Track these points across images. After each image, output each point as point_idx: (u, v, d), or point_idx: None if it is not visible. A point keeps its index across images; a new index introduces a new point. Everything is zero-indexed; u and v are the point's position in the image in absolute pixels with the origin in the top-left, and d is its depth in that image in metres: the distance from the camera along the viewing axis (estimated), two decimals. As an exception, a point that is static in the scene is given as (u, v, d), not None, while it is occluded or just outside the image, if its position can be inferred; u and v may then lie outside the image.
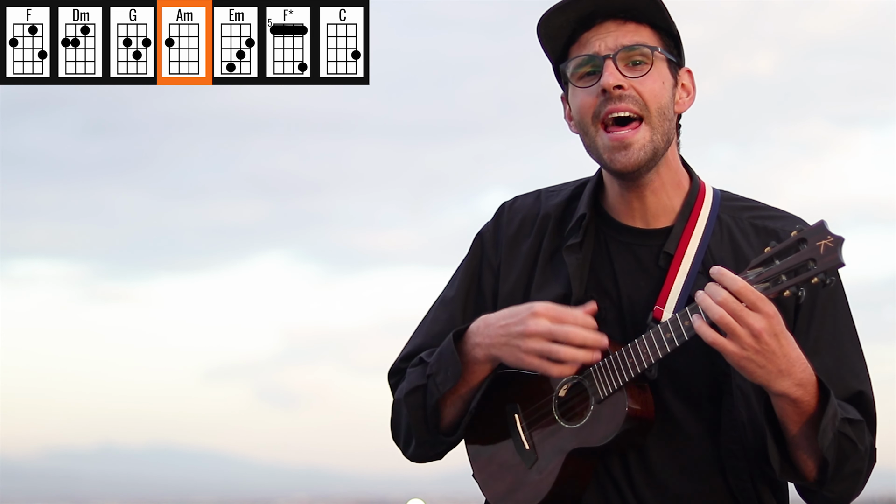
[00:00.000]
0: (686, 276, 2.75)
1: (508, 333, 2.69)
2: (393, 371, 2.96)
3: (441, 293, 2.99)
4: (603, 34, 2.77)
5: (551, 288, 2.83)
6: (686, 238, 2.79)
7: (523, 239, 2.91)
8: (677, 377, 2.74)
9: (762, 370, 2.58)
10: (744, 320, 2.55)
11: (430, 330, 2.93)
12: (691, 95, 2.84)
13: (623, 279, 2.80)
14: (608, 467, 2.76)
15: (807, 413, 2.64)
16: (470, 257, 2.96)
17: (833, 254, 2.56)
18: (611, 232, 2.84)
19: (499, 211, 2.97)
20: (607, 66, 2.73)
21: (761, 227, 2.83)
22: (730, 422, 2.74)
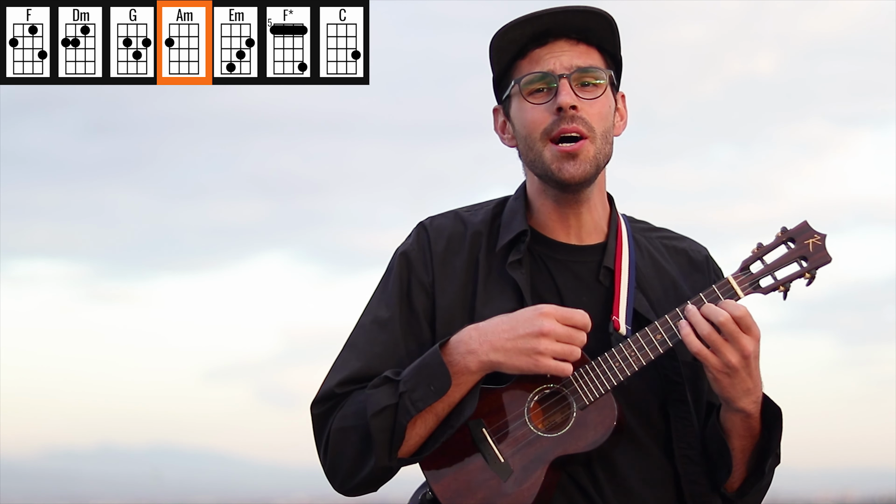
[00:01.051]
0: (627, 289, 2.82)
1: (516, 336, 2.68)
2: (325, 396, 2.82)
3: (367, 313, 2.89)
4: (557, 53, 2.80)
5: (499, 302, 2.82)
6: (619, 254, 2.86)
7: (454, 256, 2.89)
8: (631, 390, 2.78)
9: (732, 387, 2.69)
10: (738, 341, 2.65)
11: (370, 352, 2.83)
12: (624, 120, 2.90)
13: (566, 294, 2.83)
14: (574, 478, 2.77)
15: (754, 429, 2.76)
16: (396, 276, 2.89)
17: (822, 250, 2.71)
18: (545, 249, 2.87)
19: (419, 229, 2.94)
20: (563, 86, 2.77)
21: (671, 248, 2.96)
22: (683, 429, 2.80)
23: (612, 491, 2.77)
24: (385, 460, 2.74)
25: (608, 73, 2.82)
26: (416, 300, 2.87)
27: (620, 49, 2.85)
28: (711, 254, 3.00)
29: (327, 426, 2.81)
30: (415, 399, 2.71)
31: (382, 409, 2.72)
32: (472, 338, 2.72)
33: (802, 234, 2.72)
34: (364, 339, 2.86)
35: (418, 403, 2.71)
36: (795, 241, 2.72)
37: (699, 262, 2.95)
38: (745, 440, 2.77)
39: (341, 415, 2.79)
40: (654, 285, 2.87)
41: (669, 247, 2.95)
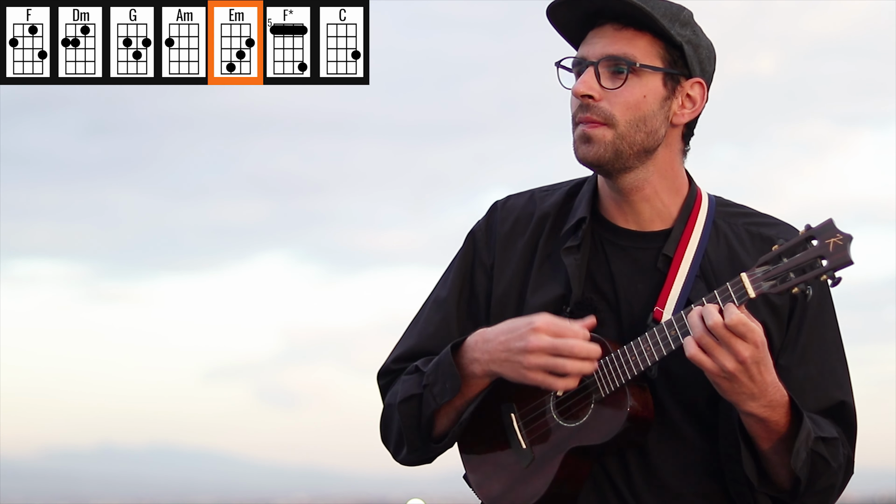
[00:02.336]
0: (685, 279, 2.77)
1: (509, 349, 2.68)
2: (383, 372, 2.93)
3: (433, 292, 2.96)
4: (598, 38, 2.78)
5: (548, 289, 2.82)
6: (684, 241, 2.80)
7: (518, 238, 2.89)
8: (675, 380, 2.74)
9: (734, 391, 2.62)
10: (732, 347, 2.58)
11: (424, 331, 2.91)
12: (697, 107, 2.82)
13: (620, 281, 2.80)
14: (605, 467, 2.76)
15: (777, 432, 2.68)
16: (462, 256, 2.93)
17: (843, 251, 2.58)
18: (607, 235, 2.84)
19: (491, 209, 2.95)
20: (586, 73, 2.76)
21: (756, 234, 2.85)
22: (728, 426, 2.74)
23: (643, 482, 2.75)
24: (417, 444, 2.82)
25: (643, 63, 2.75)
26: (478, 281, 2.89)
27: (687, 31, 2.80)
28: None
29: (385, 400, 2.90)
30: (435, 393, 2.76)
31: (410, 398, 2.80)
32: (477, 345, 2.74)
33: (825, 233, 2.59)
34: (423, 318, 2.93)
35: (437, 398, 2.76)
36: (817, 239, 2.60)
37: None
38: (769, 443, 2.69)
39: (391, 392, 2.87)
40: (722, 274, 2.77)
41: (755, 234, 2.84)
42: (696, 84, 2.82)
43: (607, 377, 2.70)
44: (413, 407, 2.80)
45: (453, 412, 2.79)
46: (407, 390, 2.81)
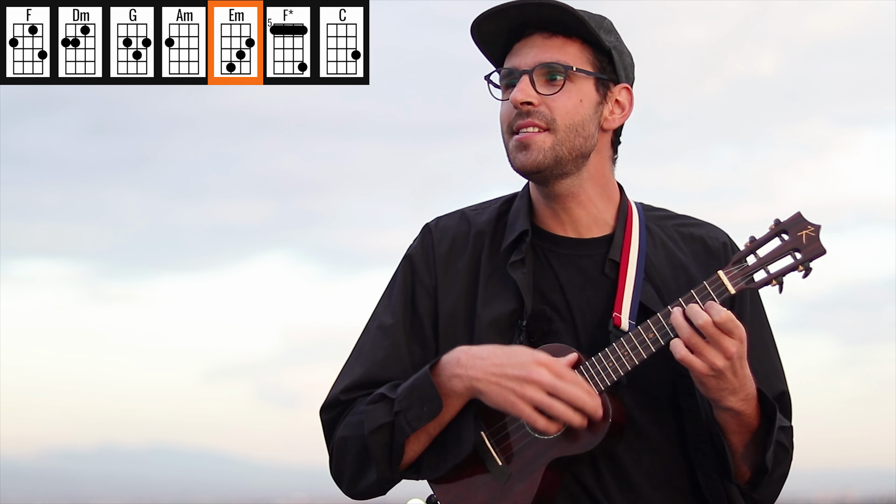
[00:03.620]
0: (633, 283, 2.79)
1: (504, 374, 2.66)
2: (330, 404, 2.85)
3: (373, 319, 2.91)
4: (528, 48, 2.81)
5: (499, 304, 2.81)
6: (626, 246, 2.83)
7: (457, 257, 2.88)
8: (637, 385, 2.76)
9: (719, 388, 2.65)
10: (720, 344, 2.62)
11: (372, 358, 2.85)
12: (626, 112, 2.87)
13: (570, 290, 2.81)
14: (578, 477, 2.76)
15: (749, 425, 2.73)
16: (401, 280, 2.90)
17: (815, 242, 2.65)
18: (548, 245, 2.85)
19: (424, 231, 2.94)
20: (521, 82, 2.78)
21: (687, 235, 2.90)
22: (695, 421, 2.78)
23: (616, 489, 2.76)
24: (387, 474, 2.77)
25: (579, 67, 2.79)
26: (420, 304, 2.86)
27: (612, 37, 2.83)
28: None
29: (333, 434, 2.83)
30: (409, 419, 2.71)
31: (379, 427, 2.73)
32: (460, 361, 2.70)
33: (796, 226, 2.66)
34: (368, 346, 2.87)
35: (413, 422, 2.71)
36: (789, 232, 2.66)
37: (716, 248, 2.89)
38: (743, 435, 2.74)
39: (345, 423, 2.81)
40: (665, 276, 2.83)
41: (685, 234, 2.90)
42: (623, 90, 2.87)
43: None
44: (384, 436, 2.73)
45: (424, 437, 2.75)
46: (375, 420, 2.74)
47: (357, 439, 2.77)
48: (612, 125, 2.86)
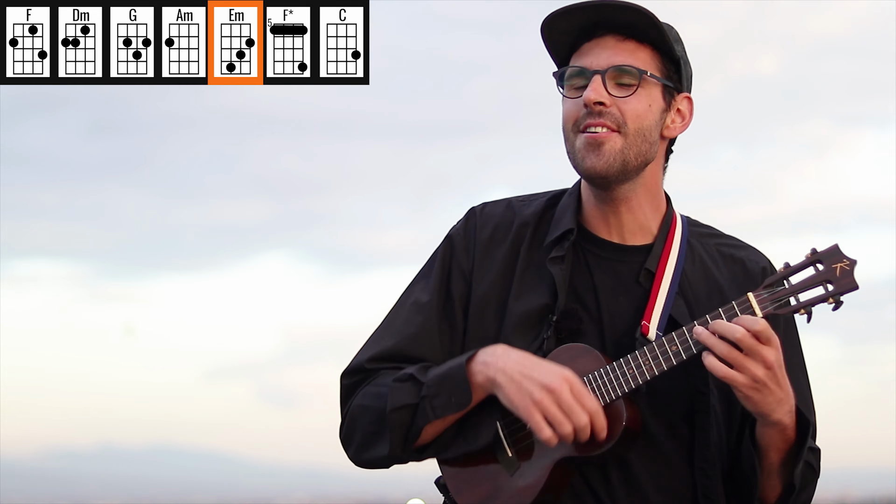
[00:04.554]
0: (666, 295, 2.78)
1: (528, 376, 2.66)
2: (354, 369, 2.86)
3: (408, 294, 2.91)
4: (600, 49, 2.79)
5: (532, 297, 2.81)
6: (665, 258, 2.82)
7: (498, 245, 2.88)
8: (655, 395, 2.75)
9: (764, 400, 2.64)
10: (759, 355, 2.60)
11: (404, 331, 2.85)
12: (686, 122, 2.86)
13: (603, 293, 2.81)
14: (587, 479, 2.76)
15: (790, 440, 2.72)
16: (440, 260, 2.90)
17: (849, 276, 2.63)
18: (589, 246, 2.85)
19: (468, 215, 2.94)
20: (594, 82, 2.75)
21: (728, 255, 2.90)
22: (703, 440, 2.77)
23: (625, 494, 2.75)
24: (398, 452, 2.76)
25: (652, 73, 2.78)
26: (455, 286, 2.87)
27: (679, 47, 2.83)
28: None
29: (351, 399, 2.83)
30: (435, 406, 2.72)
31: (402, 407, 2.74)
32: (495, 353, 2.71)
33: (831, 258, 2.63)
34: (401, 319, 2.87)
35: (437, 410, 2.72)
36: (824, 263, 2.64)
37: (755, 272, 2.87)
38: (780, 454, 2.73)
39: (364, 392, 2.81)
40: (699, 292, 2.82)
41: (726, 255, 2.89)
42: (685, 99, 2.86)
43: (602, 389, 2.69)
44: (405, 416, 2.74)
45: (440, 423, 2.75)
46: (400, 399, 2.75)
47: (375, 411, 2.77)
48: (673, 133, 2.85)
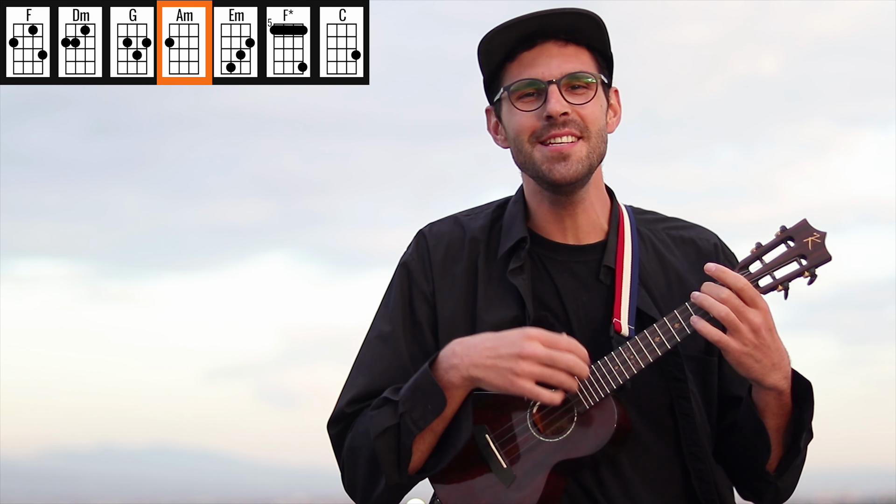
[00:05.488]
0: (629, 288, 2.80)
1: (498, 355, 2.65)
2: (336, 418, 2.85)
3: (373, 329, 2.91)
4: (545, 57, 2.78)
5: (500, 310, 2.82)
6: (620, 252, 2.84)
7: (453, 263, 2.88)
8: (633, 390, 2.75)
9: (758, 364, 2.65)
10: (744, 316, 2.62)
11: (374, 368, 2.85)
12: (618, 115, 2.89)
13: (566, 297, 2.82)
14: (581, 483, 2.76)
15: (787, 405, 2.73)
16: (398, 288, 2.90)
17: (821, 248, 2.66)
18: (544, 251, 2.86)
19: (418, 238, 2.94)
20: (553, 93, 2.75)
21: (678, 238, 2.91)
22: (688, 426, 2.78)
23: (618, 493, 2.76)
24: (395, 478, 2.75)
25: (599, 74, 2.80)
26: (419, 310, 2.87)
27: (610, 46, 2.84)
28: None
29: (342, 447, 2.84)
30: (415, 419, 2.71)
31: (385, 431, 2.72)
32: (455, 353, 2.70)
33: (802, 233, 2.67)
34: (369, 357, 2.87)
35: (419, 422, 2.71)
36: (795, 239, 2.68)
37: (707, 250, 2.90)
38: (780, 418, 2.74)
39: (352, 435, 2.81)
40: (659, 280, 2.84)
41: (676, 237, 2.91)
42: (615, 93, 2.88)
43: (589, 389, 2.69)
44: (391, 439, 2.73)
45: (430, 436, 2.74)
46: (381, 423, 2.73)
47: (365, 448, 2.77)
48: (613, 129, 2.87)
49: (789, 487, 2.84)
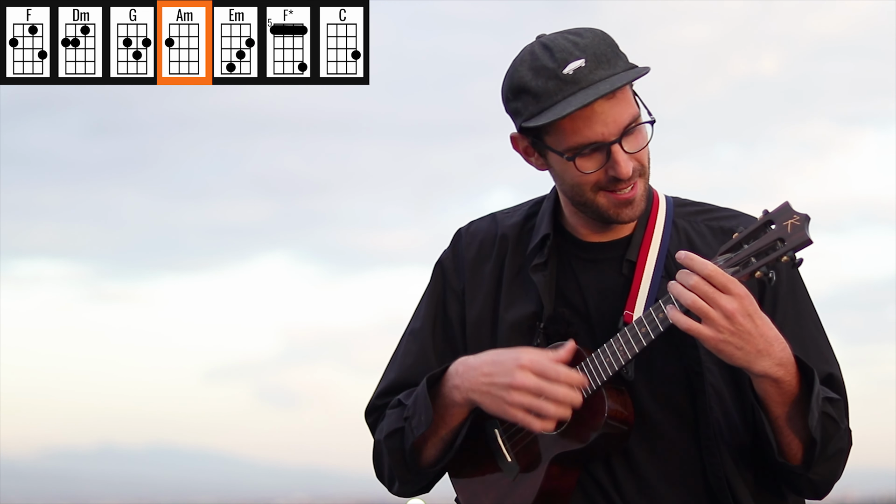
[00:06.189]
0: (650, 281, 2.78)
1: (492, 383, 2.68)
2: (370, 409, 2.97)
3: (408, 326, 2.98)
4: (599, 114, 2.69)
5: (520, 306, 2.84)
6: (646, 245, 2.81)
7: (484, 262, 2.92)
8: (652, 379, 2.76)
9: (740, 352, 2.60)
10: (716, 303, 2.57)
11: (403, 363, 2.94)
12: None
13: (588, 292, 2.82)
14: (593, 475, 2.77)
15: (790, 394, 2.67)
16: (433, 286, 2.96)
17: (800, 231, 2.59)
18: (572, 249, 2.86)
19: (455, 237, 2.98)
20: (618, 154, 2.70)
21: (717, 228, 2.86)
22: (706, 420, 2.76)
23: (632, 487, 2.76)
24: (406, 476, 2.86)
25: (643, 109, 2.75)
26: (451, 308, 2.92)
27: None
28: None
29: (374, 437, 2.93)
30: (414, 426, 2.79)
31: (393, 432, 2.84)
32: (458, 373, 2.75)
33: (783, 216, 2.61)
34: (401, 351, 2.96)
35: (416, 430, 2.78)
36: (776, 222, 2.62)
37: None
38: (783, 406, 2.68)
39: (379, 428, 2.91)
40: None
41: (715, 228, 2.86)
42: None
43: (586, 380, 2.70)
44: (397, 440, 2.83)
45: (439, 442, 2.80)
46: (391, 424, 2.85)
47: (382, 444, 2.88)
48: None
49: (826, 480, 2.76)
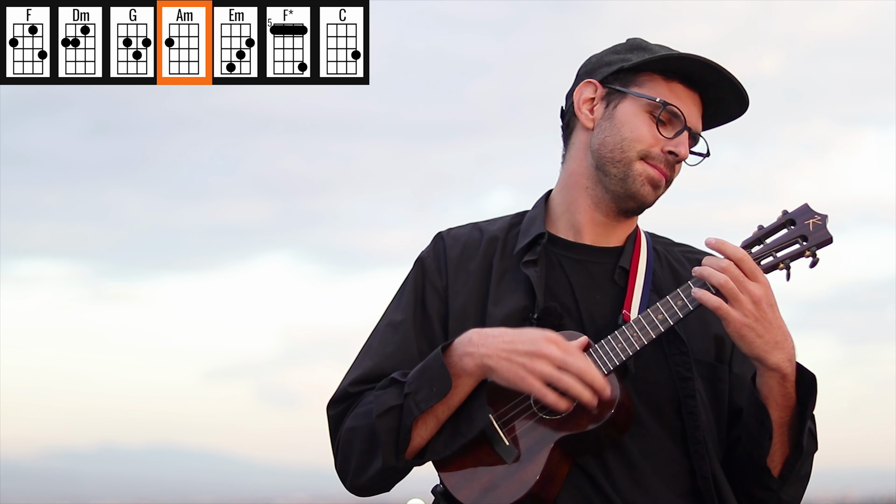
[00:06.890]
0: (641, 291, 2.85)
1: (514, 350, 2.68)
2: (339, 398, 2.89)
3: (384, 318, 2.96)
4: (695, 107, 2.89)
5: (511, 300, 2.86)
6: (636, 258, 2.91)
7: (469, 261, 2.94)
8: (641, 383, 2.79)
9: (760, 339, 2.67)
10: (745, 287, 2.67)
11: (382, 352, 2.89)
12: None
13: (579, 292, 2.87)
14: (584, 467, 2.78)
15: (790, 396, 2.74)
16: (412, 281, 2.96)
17: (822, 230, 2.72)
18: (561, 250, 2.92)
19: (436, 238, 3.01)
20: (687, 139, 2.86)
21: (693, 259, 2.95)
22: (693, 424, 2.80)
23: (624, 478, 2.78)
24: (392, 460, 2.78)
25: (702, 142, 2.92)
26: (430, 304, 2.91)
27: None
28: None
29: (340, 428, 2.86)
30: (418, 400, 2.73)
31: (388, 410, 2.76)
32: (472, 340, 2.73)
33: (803, 216, 2.73)
34: (377, 341, 2.92)
35: (421, 404, 2.73)
36: (796, 222, 2.73)
37: None
38: (783, 410, 2.74)
39: (353, 415, 2.84)
40: (671, 290, 2.84)
41: (691, 258, 2.96)
42: None
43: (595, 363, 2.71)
44: (392, 419, 2.76)
45: (433, 421, 2.77)
46: (385, 403, 2.77)
47: (365, 428, 2.80)
48: None
49: (793, 501, 2.83)
